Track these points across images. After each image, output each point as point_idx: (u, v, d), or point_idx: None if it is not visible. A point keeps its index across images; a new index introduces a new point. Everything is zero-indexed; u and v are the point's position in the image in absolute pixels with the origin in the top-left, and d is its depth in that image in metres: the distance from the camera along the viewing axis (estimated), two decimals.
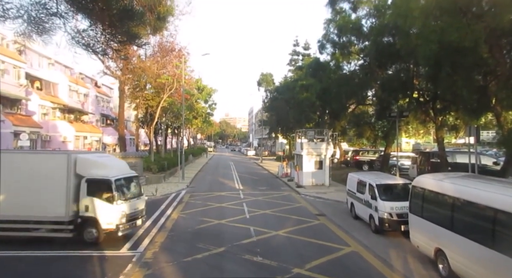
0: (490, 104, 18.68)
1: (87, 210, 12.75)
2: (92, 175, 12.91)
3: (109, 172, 13.09)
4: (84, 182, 12.84)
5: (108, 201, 12.69)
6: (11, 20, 6.39)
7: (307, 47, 59.12)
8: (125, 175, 13.80)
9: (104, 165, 13.55)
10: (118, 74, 34.00)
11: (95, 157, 14.53)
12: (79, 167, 12.97)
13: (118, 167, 14.17)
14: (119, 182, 13.16)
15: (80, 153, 14.56)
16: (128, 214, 13.01)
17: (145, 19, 7.60)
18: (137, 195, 14.08)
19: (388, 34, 23.66)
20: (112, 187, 12.64)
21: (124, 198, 13.03)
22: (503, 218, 7.83)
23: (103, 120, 56.44)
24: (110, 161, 14.60)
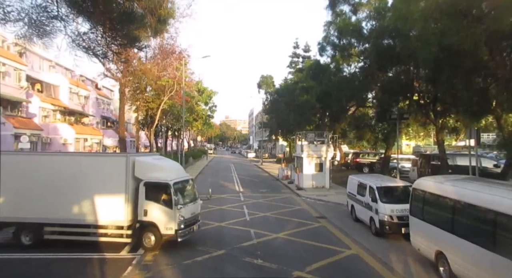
0: (491, 107, 18.68)
1: (145, 215, 12.29)
2: (150, 178, 12.42)
3: (167, 175, 12.60)
4: (143, 186, 12.36)
5: (167, 205, 12.16)
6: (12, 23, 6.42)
7: (307, 49, 59.24)
8: (182, 178, 13.28)
9: (161, 167, 13.11)
10: (119, 77, 33.97)
11: (153, 159, 13.85)
12: (137, 169, 12.54)
13: (175, 169, 13.69)
14: (177, 186, 12.63)
15: (137, 155, 13.95)
16: (186, 219, 12.51)
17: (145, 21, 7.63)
18: (193, 199, 13.52)
19: (388, 36, 23.70)
20: (171, 191, 12.11)
21: (182, 202, 12.51)
22: (504, 221, 7.82)
23: (104, 122, 56.46)
24: (166, 163, 14.09)
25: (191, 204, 13.10)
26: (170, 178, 12.41)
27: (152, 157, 14.67)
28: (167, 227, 12.15)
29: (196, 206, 13.54)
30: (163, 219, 12.17)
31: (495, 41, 15.89)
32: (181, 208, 12.21)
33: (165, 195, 12.28)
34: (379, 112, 28.40)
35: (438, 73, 18.44)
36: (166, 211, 12.16)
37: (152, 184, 12.35)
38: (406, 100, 26.04)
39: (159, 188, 12.33)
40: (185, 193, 13.23)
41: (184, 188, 13.30)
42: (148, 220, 12.28)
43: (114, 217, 12.24)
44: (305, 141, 29.89)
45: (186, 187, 13.53)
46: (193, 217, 13.06)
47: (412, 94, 24.90)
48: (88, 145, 45.50)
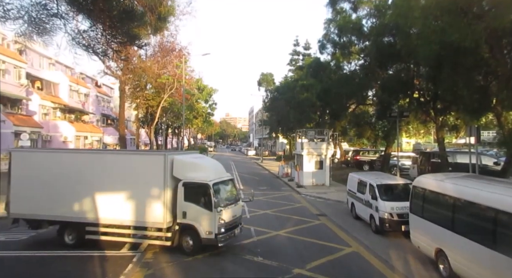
0: (491, 105, 18.67)
1: (184, 217, 11.67)
2: (189, 178, 11.77)
3: (206, 174, 11.90)
4: (181, 186, 11.76)
5: (207, 207, 11.45)
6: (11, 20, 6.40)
7: (308, 47, 59.10)
8: (222, 178, 12.54)
9: (200, 167, 12.40)
10: (119, 74, 33.99)
11: (191, 158, 13.13)
12: (176, 169, 11.91)
13: (214, 169, 12.91)
14: (217, 186, 11.96)
15: (176, 153, 13.16)
16: (227, 223, 11.75)
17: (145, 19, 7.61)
18: (235, 200, 12.69)
19: (388, 34, 23.67)
20: (210, 192, 11.39)
21: (223, 204, 11.71)
22: (504, 219, 7.82)
23: (104, 120, 56.47)
24: (206, 162, 13.45)
25: (232, 206, 12.28)
26: (209, 178, 11.74)
27: (191, 155, 13.89)
28: (207, 230, 11.44)
29: (238, 208, 12.77)
30: (202, 222, 11.51)
31: (495, 38, 15.88)
32: (221, 211, 11.41)
33: (204, 197, 11.60)
34: (379, 110, 28.42)
35: (439, 71, 18.43)
36: (206, 213, 11.47)
37: (190, 185, 11.73)
38: (406, 98, 26.04)
39: (198, 188, 11.68)
40: (226, 194, 12.52)
41: (224, 189, 12.58)
42: (187, 223, 11.64)
43: (153, 218, 11.68)
44: (305, 138, 29.88)
45: (227, 188, 12.81)
46: (234, 220, 12.29)
47: (412, 92, 24.90)
48: (89, 143, 45.51)
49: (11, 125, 31.51)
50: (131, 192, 11.94)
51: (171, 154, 12.38)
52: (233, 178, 13.49)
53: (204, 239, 11.46)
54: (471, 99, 18.32)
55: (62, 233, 12.73)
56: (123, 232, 12.15)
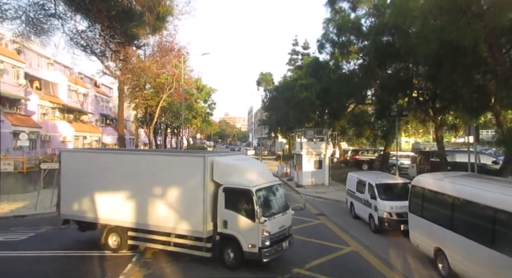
0: (490, 104, 18.69)
1: (225, 226, 10.50)
2: (230, 183, 10.58)
3: (249, 179, 10.65)
4: (222, 192, 10.59)
5: (249, 216, 10.15)
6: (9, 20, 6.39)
7: (307, 46, 59.07)
8: (268, 183, 11.16)
9: (243, 170, 11.09)
10: (117, 74, 34.01)
11: (233, 160, 11.67)
12: (216, 172, 10.77)
13: (259, 172, 11.47)
14: (261, 193, 10.62)
15: (217, 155, 11.84)
16: (273, 235, 10.37)
17: (144, 19, 7.59)
18: (283, 209, 11.22)
19: (387, 33, 23.69)
20: (253, 199, 10.08)
21: (268, 213, 10.37)
22: (502, 218, 7.83)
23: (103, 120, 56.41)
24: (250, 165, 11.91)
25: (280, 215, 10.83)
26: (252, 183, 10.46)
27: (234, 157, 12.41)
28: (249, 243, 10.15)
29: (286, 218, 11.23)
30: (244, 233, 10.26)
31: (494, 37, 15.89)
32: (266, 221, 10.07)
33: (246, 204, 10.32)
34: (379, 109, 28.44)
35: (438, 70, 18.45)
36: (248, 223, 10.17)
37: (232, 190, 10.50)
38: (405, 97, 26.07)
39: (240, 195, 10.40)
40: (272, 202, 11.17)
41: (270, 196, 11.22)
42: (228, 233, 10.47)
43: (192, 226, 10.71)
44: (304, 138, 29.89)
45: (274, 195, 11.39)
46: (282, 231, 10.82)
47: (411, 91, 24.92)
48: (87, 143, 45.48)
49: (9, 125, 31.47)
50: (169, 196, 11.14)
51: (211, 155, 11.21)
52: (281, 183, 11.93)
53: (246, 253, 10.19)
54: (470, 98, 18.34)
55: (107, 237, 12.21)
56: (163, 239, 11.26)
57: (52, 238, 14.54)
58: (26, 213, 19.10)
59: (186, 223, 10.81)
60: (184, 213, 10.89)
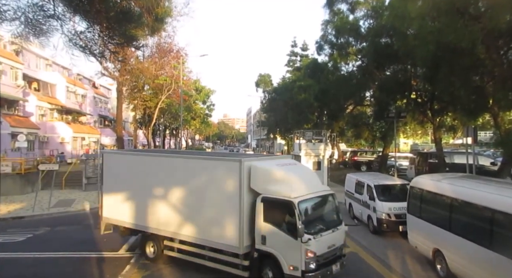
0: (488, 105, 18.73)
1: (264, 242, 9.02)
2: (269, 192, 9.05)
3: (292, 188, 9.01)
4: (260, 202, 9.12)
5: (291, 233, 8.59)
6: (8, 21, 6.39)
7: (305, 48, 59.12)
8: (315, 194, 9.50)
9: (285, 177, 9.36)
10: (116, 75, 34.00)
11: (274, 165, 9.86)
12: (254, 179, 9.30)
13: (305, 180, 9.73)
14: (306, 205, 9.02)
15: (256, 159, 10.30)
16: (320, 256, 8.69)
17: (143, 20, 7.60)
18: (334, 224, 9.57)
19: (385, 35, 23.74)
20: (295, 213, 8.51)
21: (313, 230, 8.81)
22: (500, 219, 7.86)
23: (101, 121, 56.35)
24: (294, 171, 10.01)
25: (329, 232, 9.14)
26: (295, 193, 8.85)
27: (275, 161, 10.40)
28: (291, 264, 8.60)
29: (338, 236, 9.48)
30: (284, 252, 8.73)
31: (492, 39, 15.94)
32: (311, 240, 8.43)
33: (288, 218, 8.81)
34: (377, 110, 28.47)
35: (436, 72, 18.49)
36: (289, 241, 8.61)
37: (271, 201, 8.98)
38: (403, 99, 26.10)
39: (280, 206, 8.88)
40: (321, 216, 9.78)
41: (318, 208, 9.74)
42: (266, 250, 8.98)
43: (227, 240, 9.40)
44: (303, 139, 29.89)
45: (323, 207, 9.88)
46: (331, 252, 9.12)
47: (409, 92, 24.96)
48: (86, 144, 45.43)
49: (8, 127, 31.41)
50: (201, 204, 10.05)
51: (249, 159, 9.80)
52: (332, 193, 10.04)
53: (287, 276, 8.68)
54: (468, 99, 18.38)
55: (144, 244, 11.53)
56: (198, 252, 10.16)
57: (50, 239, 14.53)
58: (24, 214, 19.07)
59: (220, 236, 9.53)
60: (218, 225, 9.62)
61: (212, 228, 9.74)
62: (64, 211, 19.85)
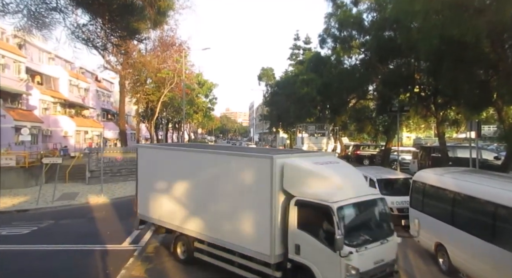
0: (492, 99, 18.64)
1: (298, 252, 7.79)
2: (305, 194, 7.80)
3: (331, 190, 7.66)
4: (294, 206, 7.91)
5: (329, 244, 7.23)
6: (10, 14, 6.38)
7: (308, 41, 58.92)
8: (360, 198, 7.96)
9: (324, 177, 8.03)
10: (119, 69, 34.00)
11: (311, 162, 8.47)
12: (287, 179, 8.09)
13: (348, 182, 8.25)
14: (348, 211, 7.59)
15: (288, 154, 9.11)
16: (365, 273, 7.27)
17: (145, 13, 7.57)
18: (383, 235, 8.01)
19: (389, 28, 23.58)
20: (334, 220, 7.18)
21: (356, 241, 7.40)
22: (503, 213, 7.85)
23: (104, 115, 56.47)
24: (334, 170, 8.48)
25: (376, 244, 7.63)
26: (334, 196, 7.47)
27: (314, 158, 9.01)
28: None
29: (388, 249, 7.93)
30: (321, 265, 7.45)
31: (496, 33, 15.79)
32: (353, 253, 7.08)
33: (326, 226, 7.48)
34: (380, 104, 28.40)
35: (439, 66, 18.37)
36: (327, 253, 7.28)
37: (306, 204, 7.72)
38: (407, 93, 25.99)
39: (316, 212, 7.60)
40: (366, 225, 8.26)
41: (363, 216, 8.29)
42: (300, 262, 7.75)
43: (257, 247, 8.28)
44: (305, 133, 29.97)
45: (369, 214, 8.38)
46: (380, 268, 7.65)
47: (413, 86, 24.85)
48: (89, 138, 45.57)
49: (11, 120, 31.51)
50: (229, 205, 9.11)
51: (281, 155, 8.49)
52: (382, 197, 8.51)
53: None
54: (472, 94, 18.28)
55: (175, 245, 10.90)
56: (228, 258, 9.16)
57: (54, 232, 14.67)
58: (28, 207, 19.21)
59: (250, 242, 8.48)
60: (247, 229, 8.61)
61: (241, 231, 8.71)
62: (68, 204, 19.98)
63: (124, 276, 9.82)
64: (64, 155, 32.62)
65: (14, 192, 23.01)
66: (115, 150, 29.13)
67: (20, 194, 22.42)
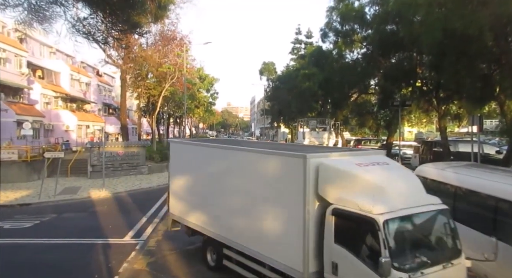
0: (494, 93, 18.57)
1: (335, 272, 6.33)
2: (344, 202, 6.31)
3: (377, 198, 6.11)
4: (331, 215, 6.45)
5: (374, 265, 5.67)
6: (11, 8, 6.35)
7: (310, 35, 58.66)
8: (415, 209, 6.34)
9: (369, 182, 6.47)
10: (120, 63, 33.94)
11: (354, 163, 6.90)
12: (323, 183, 6.69)
13: (400, 188, 6.68)
14: (399, 225, 6.02)
15: (325, 152, 7.90)
16: None
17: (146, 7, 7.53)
18: (447, 256, 6.38)
19: (391, 22, 23.42)
20: (379, 236, 5.67)
21: (409, 264, 5.83)
22: (505, 207, 7.85)
23: (105, 109, 56.50)
24: (383, 173, 6.92)
25: (438, 268, 6.00)
26: (381, 206, 5.93)
27: (357, 158, 7.36)
28: None
29: (453, 274, 6.31)
30: None
31: (500, 26, 15.68)
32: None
33: (370, 242, 5.99)
34: (382, 99, 28.33)
35: (442, 59, 18.28)
36: (370, 276, 5.74)
37: (346, 214, 6.23)
38: (409, 87, 25.91)
39: (358, 224, 6.13)
40: (422, 244, 6.55)
41: (419, 232, 6.69)
42: None
43: (288, 261, 7.10)
44: (307, 127, 29.92)
45: (427, 230, 6.75)
46: None
47: (415, 81, 24.75)
48: (91, 132, 45.65)
49: (13, 114, 31.56)
50: (258, 210, 7.97)
51: (316, 154, 7.03)
52: (445, 208, 6.97)
53: None
54: (474, 88, 18.22)
55: (205, 249, 10.12)
56: (257, 269, 8.05)
57: (57, 226, 14.74)
58: (31, 201, 19.30)
59: (280, 254, 7.32)
60: (277, 239, 7.42)
61: (270, 241, 7.57)
62: (70, 198, 20.07)
63: (126, 269, 9.88)
64: (66, 149, 32.69)
65: (17, 185, 23.12)
66: (117, 145, 29.16)
67: (22, 188, 22.52)
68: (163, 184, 23.77)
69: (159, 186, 23.30)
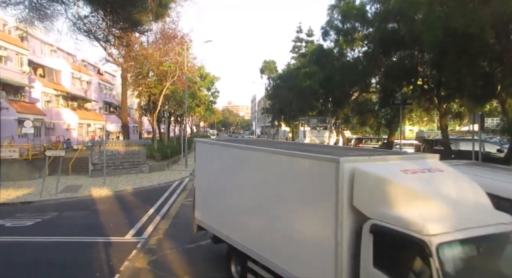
0: (495, 92, 18.54)
1: None
2: (385, 217, 5.01)
3: (429, 215, 4.76)
4: (369, 232, 5.17)
5: None
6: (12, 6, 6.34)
7: (311, 34, 58.59)
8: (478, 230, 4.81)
9: (418, 193, 5.16)
10: (121, 62, 33.94)
11: (399, 170, 5.54)
12: (358, 193, 5.39)
13: (459, 202, 5.33)
14: (457, 250, 4.67)
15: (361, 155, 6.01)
16: None
17: (147, 5, 7.52)
18: None
19: (392, 20, 23.41)
20: (431, 263, 4.33)
21: None
22: (506, 206, 7.83)
23: (106, 108, 56.52)
24: (436, 182, 5.57)
25: None
26: (434, 226, 4.58)
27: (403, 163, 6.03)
28: None
29: None
30: None
31: (501, 24, 15.66)
32: None
33: (419, 270, 4.68)
34: (383, 97, 28.31)
35: (443, 58, 18.26)
36: None
37: (387, 233, 4.93)
38: (410, 86, 25.89)
39: (404, 246, 4.84)
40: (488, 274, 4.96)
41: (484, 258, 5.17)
42: None
43: None
44: (307, 126, 29.91)
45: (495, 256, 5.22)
46: None
47: (416, 79, 24.73)
48: (92, 130, 45.69)
49: (14, 113, 31.60)
50: (284, 221, 6.83)
51: (351, 158, 5.67)
52: None
53: None
54: (475, 86, 18.20)
55: (229, 259, 9.25)
56: None
57: (58, 224, 14.77)
58: (32, 199, 19.32)
59: (308, 273, 6.21)
60: (305, 257, 6.25)
61: (297, 258, 6.46)
62: (71, 196, 20.10)
63: (127, 267, 9.89)
64: (67, 148, 32.74)
65: (18, 184, 23.16)
66: (118, 143, 29.18)
67: (23, 186, 22.56)
68: (164, 183, 23.84)
69: (160, 184, 23.35)
